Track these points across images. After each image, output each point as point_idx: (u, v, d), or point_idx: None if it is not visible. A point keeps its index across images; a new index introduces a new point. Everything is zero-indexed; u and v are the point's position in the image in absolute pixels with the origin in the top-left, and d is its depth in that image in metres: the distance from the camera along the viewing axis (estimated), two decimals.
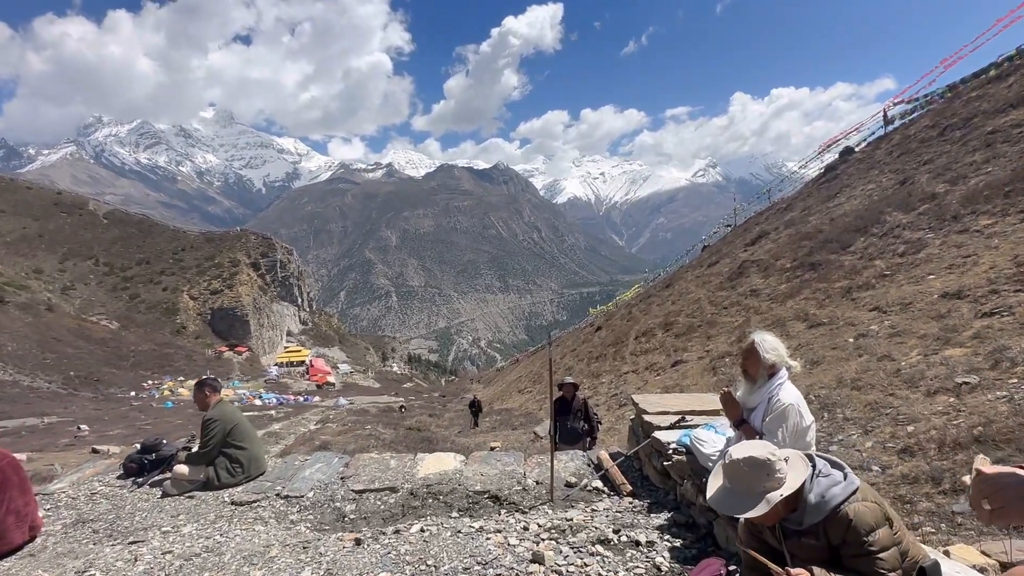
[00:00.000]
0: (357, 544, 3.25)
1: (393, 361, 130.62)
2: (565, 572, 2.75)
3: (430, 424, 25.45)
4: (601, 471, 4.22)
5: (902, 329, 9.11)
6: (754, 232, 27.59)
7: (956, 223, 12.57)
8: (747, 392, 2.90)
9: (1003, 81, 21.50)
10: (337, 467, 4.62)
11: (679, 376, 14.91)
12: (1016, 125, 16.48)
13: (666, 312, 24.24)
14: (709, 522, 3.08)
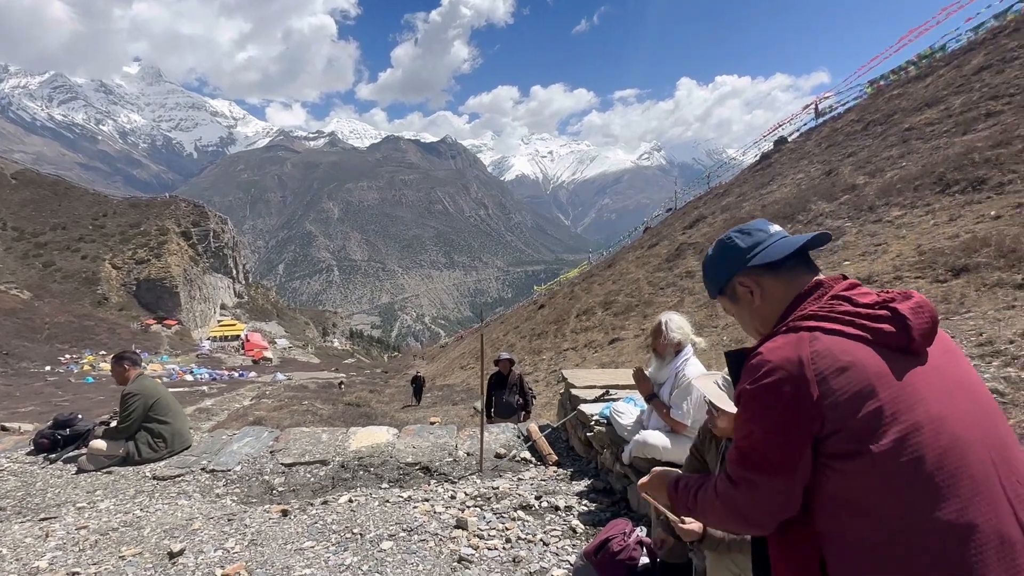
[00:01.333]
0: (284, 515, 3.27)
1: (334, 337, 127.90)
2: (487, 536, 2.89)
3: (370, 400, 25.26)
4: (529, 442, 4.39)
5: None
6: (692, 216, 28.55)
7: (871, 213, 13.41)
8: (657, 368, 3.10)
9: (921, 81, 22.92)
10: (267, 441, 4.58)
11: (615, 353, 15.42)
12: (929, 123, 17.65)
13: (607, 291, 24.81)
14: (624, 488, 3.30)
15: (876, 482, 0.96)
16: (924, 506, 0.94)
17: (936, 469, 0.94)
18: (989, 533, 0.92)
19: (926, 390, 1.00)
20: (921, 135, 17.26)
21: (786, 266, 1.18)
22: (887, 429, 0.96)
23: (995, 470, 0.96)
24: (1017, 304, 6.34)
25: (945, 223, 10.54)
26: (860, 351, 1.01)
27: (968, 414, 1.01)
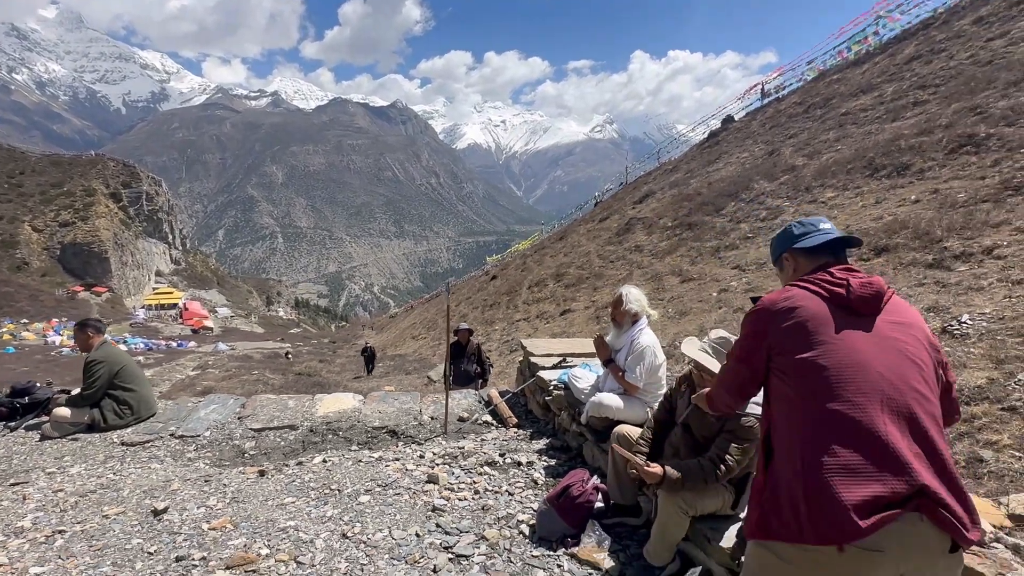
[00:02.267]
0: (261, 475, 3.44)
1: (279, 306, 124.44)
2: (457, 488, 3.16)
3: (320, 370, 25.05)
4: (491, 406, 4.68)
5: (756, 286, 10.43)
6: (642, 191, 29.20)
7: (808, 194, 14.17)
8: (615, 336, 3.42)
9: (859, 67, 24.02)
10: (233, 408, 4.67)
11: (566, 324, 15.90)
12: (863, 109, 18.62)
13: (558, 264, 25.23)
14: (579, 445, 3.65)
15: (797, 382, 1.42)
16: (821, 398, 1.37)
17: (835, 377, 1.37)
18: (860, 424, 1.31)
19: (857, 337, 1.42)
20: (856, 120, 18.19)
21: (818, 253, 1.64)
22: (810, 348, 1.42)
23: (884, 395, 1.35)
24: (926, 282, 7.05)
25: (872, 205, 11.32)
26: (812, 301, 1.48)
27: (887, 362, 1.39)
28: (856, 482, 1.26)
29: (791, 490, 1.33)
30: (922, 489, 1.26)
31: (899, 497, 1.25)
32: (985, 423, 3.38)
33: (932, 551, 1.28)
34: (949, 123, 12.74)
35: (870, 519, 1.21)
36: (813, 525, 1.26)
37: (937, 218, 8.70)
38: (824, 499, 1.26)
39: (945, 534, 1.26)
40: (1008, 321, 4.83)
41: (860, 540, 1.22)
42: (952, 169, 10.77)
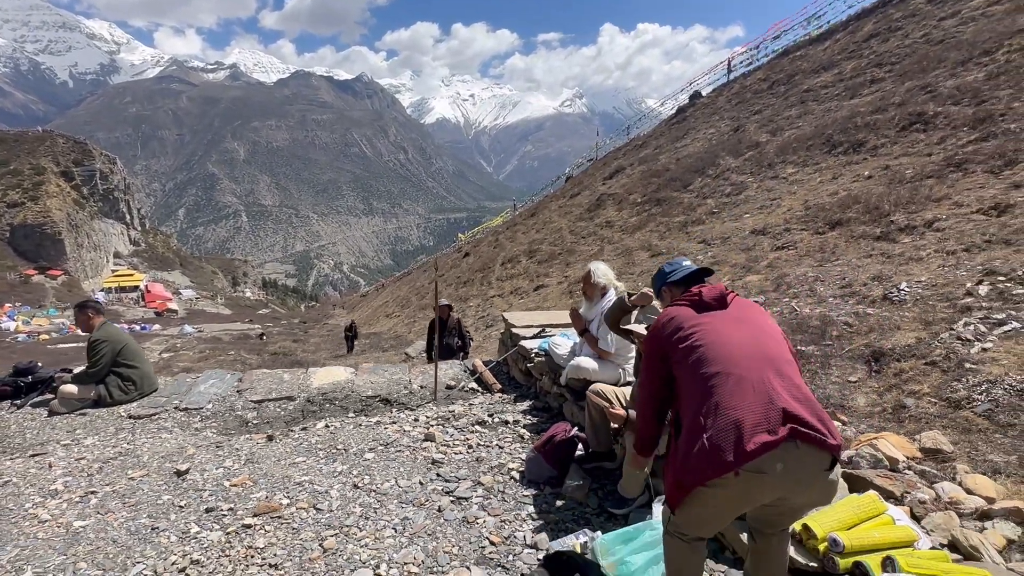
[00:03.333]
0: (270, 440, 3.73)
1: (246, 286, 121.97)
2: (452, 444, 3.53)
3: (295, 349, 25.07)
4: (476, 374, 5.04)
5: (720, 259, 10.96)
6: (612, 167, 29.53)
7: (770, 170, 14.71)
8: (587, 309, 3.81)
9: (821, 43, 24.60)
10: (231, 382, 4.92)
11: (540, 299, 16.31)
12: (824, 86, 19.19)
13: (530, 240, 25.52)
14: (559, 405, 4.05)
15: (687, 361, 1.83)
16: (705, 366, 1.77)
17: (708, 351, 1.80)
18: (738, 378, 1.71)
19: (718, 322, 1.90)
20: (816, 97, 18.75)
21: (683, 283, 2.24)
22: (689, 338, 1.86)
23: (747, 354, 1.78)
24: (874, 253, 7.62)
25: (828, 181, 11.89)
26: (681, 310, 1.99)
27: (745, 334, 1.86)
28: (740, 420, 1.63)
29: (694, 442, 1.67)
30: (790, 415, 1.63)
31: (775, 425, 1.61)
32: (910, 376, 3.88)
33: (810, 470, 1.63)
34: (902, 101, 13.36)
35: (754, 445, 1.58)
36: (714, 460, 1.61)
37: (886, 193, 9.28)
38: (720, 437, 1.62)
39: (824, 453, 1.63)
40: (939, 288, 5.38)
41: (749, 463, 1.57)
42: (902, 146, 11.39)
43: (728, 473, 1.60)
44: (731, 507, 1.74)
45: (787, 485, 1.64)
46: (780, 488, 1.65)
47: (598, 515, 2.73)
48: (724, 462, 1.60)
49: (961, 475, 2.65)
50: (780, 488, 1.65)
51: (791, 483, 1.63)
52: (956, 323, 4.44)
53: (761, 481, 1.61)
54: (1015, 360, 3.56)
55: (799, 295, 7.27)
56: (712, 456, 1.62)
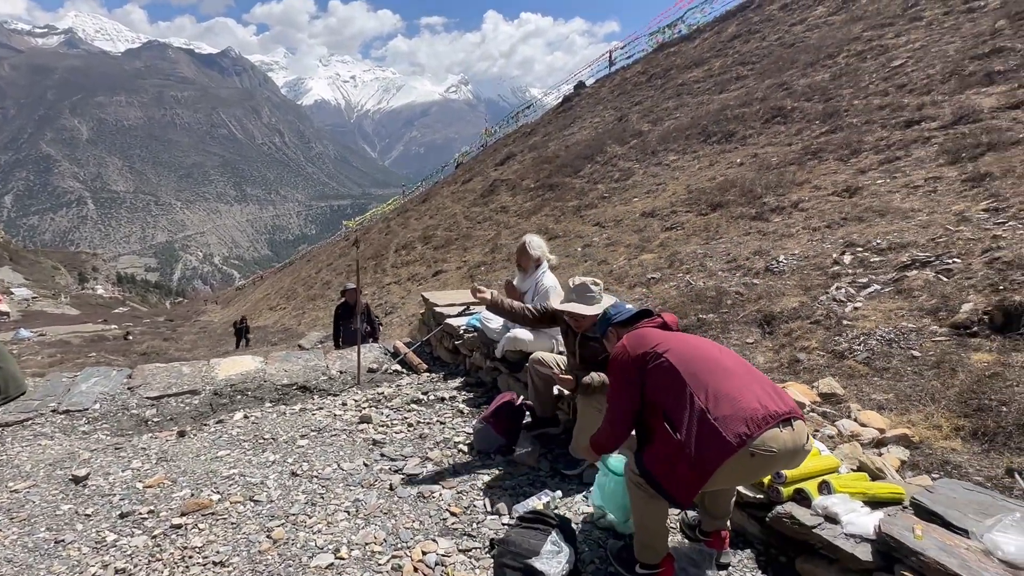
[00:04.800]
0: (182, 436, 3.38)
1: (96, 283, 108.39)
2: (390, 424, 3.43)
3: (167, 348, 22.80)
4: (399, 356, 4.92)
5: (615, 240, 11.53)
6: (503, 153, 29.85)
7: (654, 157, 15.65)
8: (520, 280, 3.87)
9: (692, 41, 26.47)
10: (119, 379, 4.36)
11: (440, 284, 16.17)
12: (697, 81, 20.71)
13: (424, 226, 25.17)
14: (493, 379, 4.08)
15: (666, 371, 1.96)
16: (679, 372, 1.92)
17: (688, 353, 1.98)
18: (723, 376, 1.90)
19: (683, 336, 2.15)
20: (690, 91, 20.20)
21: (627, 323, 2.34)
22: (664, 348, 2.01)
23: (726, 359, 2.00)
24: (751, 232, 8.43)
25: (706, 167, 12.91)
26: (649, 330, 2.16)
27: (710, 344, 2.11)
28: (740, 400, 1.81)
29: (703, 430, 1.79)
30: (778, 397, 1.85)
31: (771, 406, 1.81)
32: (800, 335, 4.37)
33: (799, 444, 1.83)
34: (764, 97, 14.80)
35: (761, 418, 1.77)
36: (728, 438, 1.75)
37: (757, 178, 10.28)
38: (728, 418, 1.77)
39: (803, 427, 1.85)
40: (811, 259, 6.09)
41: (759, 436, 1.74)
42: (767, 136, 12.65)
43: (744, 449, 1.74)
44: (736, 481, 2.00)
45: (785, 459, 1.85)
46: (780, 464, 1.87)
47: (552, 477, 2.81)
48: (739, 434, 1.74)
49: (855, 413, 3.05)
50: (780, 464, 1.87)
51: (789, 456, 1.84)
52: (830, 288, 5.07)
53: (770, 459, 1.79)
54: (881, 316, 4.14)
55: (692, 270, 7.88)
56: (726, 435, 1.75)
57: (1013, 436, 2.51)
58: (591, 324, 2.78)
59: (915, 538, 1.71)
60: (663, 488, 1.89)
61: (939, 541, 1.70)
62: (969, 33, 11.27)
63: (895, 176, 7.71)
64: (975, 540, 1.69)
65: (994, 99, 8.41)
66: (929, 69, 10.80)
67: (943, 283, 4.26)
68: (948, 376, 3.19)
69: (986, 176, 6.18)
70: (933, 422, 2.79)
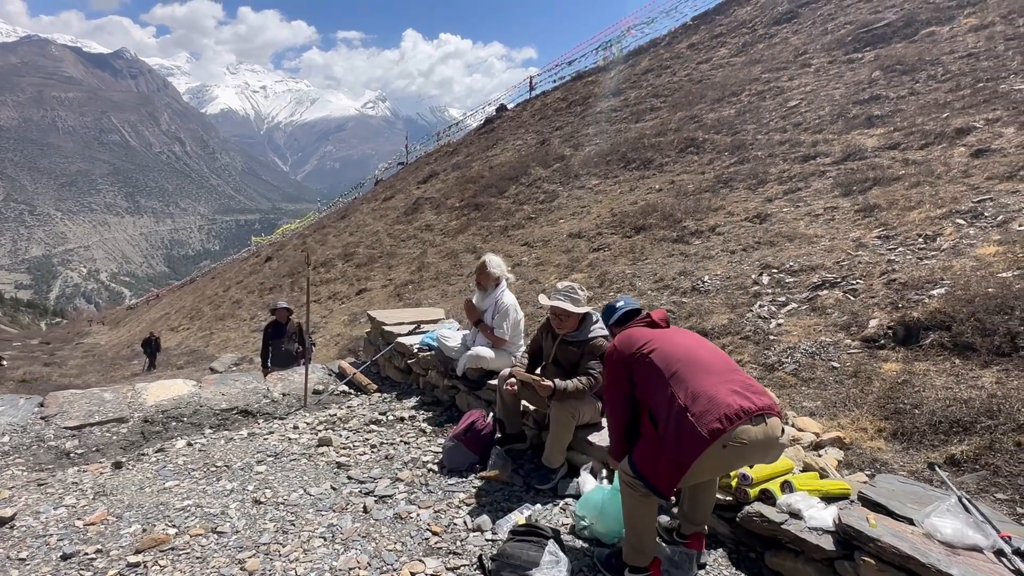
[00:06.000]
0: (118, 467, 3.09)
1: None
2: (352, 446, 3.33)
3: (50, 375, 20.50)
4: (346, 378, 4.78)
5: (544, 260, 11.84)
6: (425, 171, 29.75)
7: (576, 180, 16.24)
8: (480, 299, 3.93)
9: (608, 72, 27.87)
10: (29, 408, 3.90)
11: (365, 303, 15.76)
12: (614, 109, 21.76)
13: (344, 243, 24.52)
14: (451, 397, 4.08)
15: (651, 367, 2.14)
16: (665, 365, 2.11)
17: (671, 351, 2.16)
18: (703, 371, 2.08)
19: (669, 333, 2.30)
20: (609, 119, 21.21)
21: (621, 321, 2.51)
22: (649, 345, 2.19)
23: (706, 354, 2.19)
24: (674, 254, 8.98)
25: (627, 192, 13.59)
26: (637, 329, 2.33)
27: (693, 340, 2.30)
28: (715, 396, 1.98)
29: (681, 425, 1.94)
30: (753, 392, 2.03)
31: (744, 400, 1.98)
32: (732, 348, 4.73)
33: (773, 438, 2.01)
34: (677, 128, 15.86)
35: (734, 412, 1.93)
36: (704, 431, 1.91)
37: (676, 203, 10.98)
38: (704, 413, 1.94)
39: (777, 423, 2.02)
40: (732, 279, 6.60)
41: (732, 429, 1.90)
42: (682, 165, 13.55)
43: (717, 441, 1.89)
44: (712, 473, 2.12)
45: (760, 453, 2.01)
46: (754, 456, 2.03)
47: (526, 491, 2.86)
48: (713, 430, 1.89)
49: (792, 419, 3.36)
50: (754, 456, 2.03)
51: (763, 450, 2.00)
52: (753, 306, 5.52)
53: (742, 451, 1.95)
54: (802, 331, 4.58)
55: (622, 289, 8.26)
56: (701, 429, 1.90)
57: (927, 435, 2.88)
58: (573, 327, 2.90)
59: (870, 527, 1.94)
60: (649, 482, 2.02)
61: (890, 528, 1.94)
62: (851, 81, 12.74)
63: (798, 205, 8.53)
64: (918, 526, 1.95)
65: (875, 140, 9.56)
66: (820, 111, 12.09)
67: (851, 301, 4.79)
68: (865, 384, 3.59)
69: (875, 207, 7.00)
70: (859, 425, 3.14)
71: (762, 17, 22.83)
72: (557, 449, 2.87)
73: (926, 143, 8.44)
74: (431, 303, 11.84)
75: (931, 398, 3.10)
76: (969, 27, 12.62)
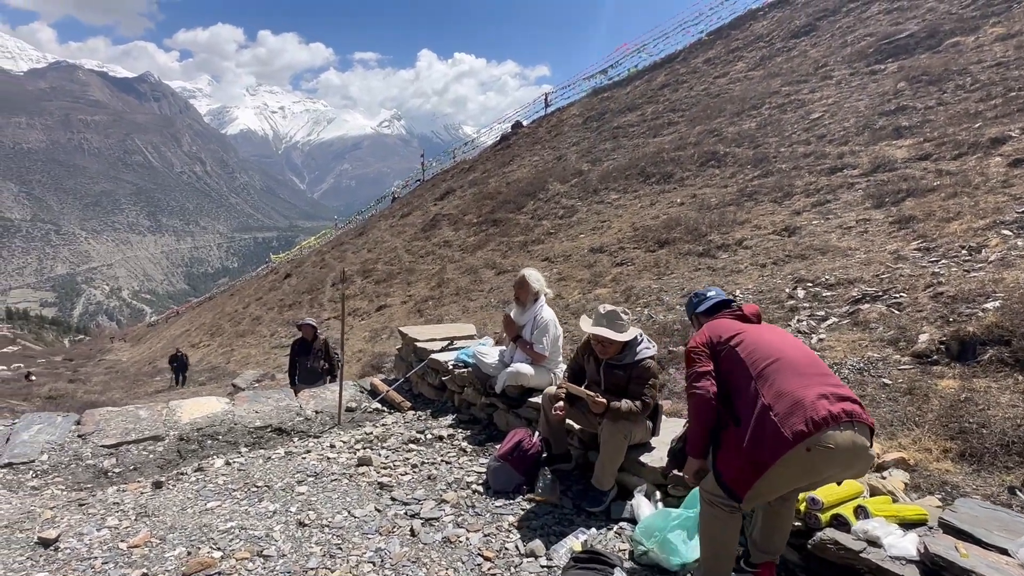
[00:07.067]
0: (158, 487, 3.05)
1: None
2: (393, 466, 3.26)
3: (75, 391, 20.75)
4: (378, 395, 4.72)
5: (566, 275, 11.76)
6: (442, 188, 29.95)
7: (596, 196, 16.21)
8: (518, 314, 3.86)
9: (624, 87, 27.95)
10: (66, 426, 3.90)
11: (386, 319, 15.78)
12: (632, 124, 21.78)
13: (363, 260, 24.66)
14: (489, 415, 4.00)
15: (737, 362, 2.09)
16: (749, 358, 2.06)
17: (759, 349, 2.08)
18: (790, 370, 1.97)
19: (758, 329, 2.23)
20: (626, 134, 21.20)
21: (710, 312, 2.44)
22: (736, 339, 2.14)
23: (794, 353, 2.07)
24: (701, 268, 8.85)
25: (648, 206, 13.50)
26: (726, 321, 2.27)
27: (781, 338, 2.20)
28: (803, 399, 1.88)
29: (763, 425, 1.87)
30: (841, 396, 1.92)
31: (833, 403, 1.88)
32: None
33: (860, 445, 1.88)
34: (696, 141, 15.79)
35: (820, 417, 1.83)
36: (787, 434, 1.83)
37: (700, 217, 10.87)
38: (788, 415, 1.85)
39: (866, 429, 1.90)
40: (765, 293, 6.46)
41: (818, 434, 1.81)
42: (703, 179, 13.45)
43: (800, 445, 1.79)
44: (794, 482, 1.96)
45: (846, 459, 1.88)
46: (839, 463, 1.88)
47: (577, 514, 2.76)
48: (797, 432, 1.80)
49: None
50: (839, 463, 1.88)
51: (849, 457, 1.87)
52: (791, 320, 5.38)
53: (828, 456, 1.83)
54: (847, 346, 4.44)
55: (649, 304, 8.14)
56: (784, 431, 1.82)
57: (999, 456, 2.74)
58: (617, 351, 2.82)
59: (961, 556, 1.82)
60: (726, 484, 1.95)
61: (983, 559, 1.81)
62: (875, 92, 12.60)
63: (828, 217, 8.38)
64: (1013, 556, 1.82)
65: (905, 151, 9.40)
66: (844, 122, 11.95)
67: (896, 315, 4.64)
68: (922, 402, 3.44)
69: (911, 219, 6.84)
70: (922, 445, 3.00)
71: (779, 31, 22.80)
72: (609, 471, 2.78)
73: (960, 153, 8.26)
74: (452, 319, 11.80)
75: (998, 417, 2.96)
76: (996, 36, 12.45)
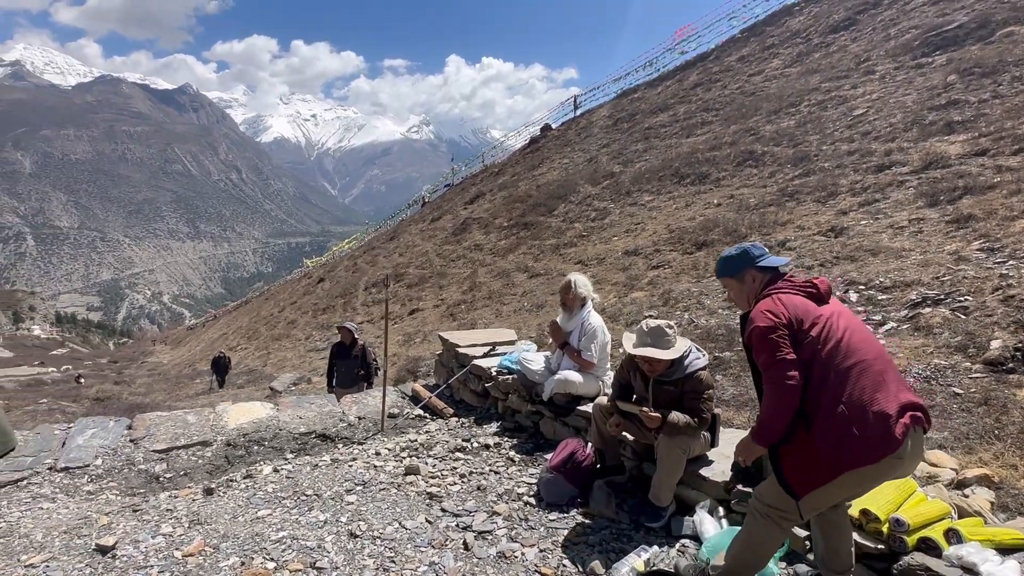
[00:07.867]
0: (209, 494, 3.06)
1: (33, 322, 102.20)
2: (441, 475, 3.21)
3: (121, 393, 21.42)
4: (420, 402, 4.69)
5: (601, 278, 11.60)
6: (472, 192, 30.01)
7: (628, 197, 15.98)
8: (565, 320, 3.77)
9: (655, 87, 27.58)
10: (118, 430, 3.97)
11: (419, 323, 15.84)
12: (663, 125, 21.46)
13: (395, 264, 24.86)
14: (535, 423, 3.91)
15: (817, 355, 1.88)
16: (830, 356, 1.87)
17: (842, 345, 1.88)
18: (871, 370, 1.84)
19: (835, 316, 1.96)
20: (657, 135, 20.87)
21: (769, 270, 2.13)
22: (818, 328, 1.91)
23: (873, 351, 1.91)
24: None
25: (683, 208, 13.24)
26: (798, 298, 1.99)
27: (857, 327, 1.98)
28: (886, 410, 1.77)
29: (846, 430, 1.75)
30: (911, 403, 1.81)
31: (906, 413, 1.78)
32: None
33: (921, 450, 1.84)
34: (732, 141, 15.42)
35: (899, 433, 1.73)
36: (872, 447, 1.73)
37: (738, 218, 10.58)
38: (874, 427, 1.75)
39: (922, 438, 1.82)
40: None
41: (897, 451, 1.73)
42: (740, 179, 13.12)
43: (885, 459, 1.72)
44: (860, 489, 1.88)
45: (909, 465, 1.82)
46: (904, 469, 1.83)
47: (635, 529, 2.66)
48: (881, 448, 1.73)
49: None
50: (904, 469, 1.83)
51: (911, 463, 1.79)
52: None
53: (896, 464, 1.77)
54: (910, 352, 4.21)
55: (689, 308, 7.94)
56: (870, 443, 1.73)
57: None
58: (666, 367, 2.70)
59: None
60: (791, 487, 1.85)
61: None
62: (923, 86, 12.10)
63: (878, 217, 8.05)
64: None
65: (958, 147, 8.97)
66: (891, 118, 11.50)
67: (962, 320, 4.39)
68: (1000, 413, 3.22)
69: (970, 218, 6.50)
70: (1006, 461, 2.80)
71: (816, 26, 22.18)
72: (667, 486, 2.66)
73: (1020, 148, 7.85)
74: (485, 323, 11.75)
75: None
76: None
